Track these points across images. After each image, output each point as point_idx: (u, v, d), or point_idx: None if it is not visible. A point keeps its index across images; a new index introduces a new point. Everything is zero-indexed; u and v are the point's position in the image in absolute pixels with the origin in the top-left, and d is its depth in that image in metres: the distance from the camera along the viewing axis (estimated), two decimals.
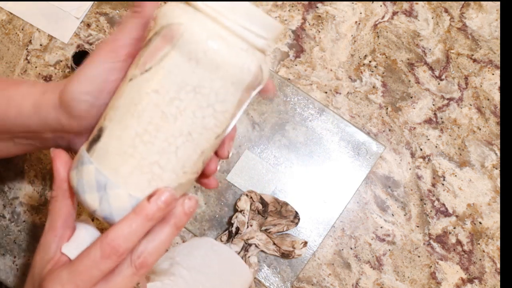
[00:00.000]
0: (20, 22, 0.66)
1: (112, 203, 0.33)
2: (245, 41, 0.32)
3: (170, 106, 0.31)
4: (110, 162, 0.33)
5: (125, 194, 0.32)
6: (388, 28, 0.65)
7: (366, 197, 0.62)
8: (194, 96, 0.31)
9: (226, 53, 0.31)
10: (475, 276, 0.60)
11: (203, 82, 0.31)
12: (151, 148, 0.32)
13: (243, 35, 0.32)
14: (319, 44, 0.65)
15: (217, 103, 0.32)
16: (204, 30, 0.31)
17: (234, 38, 0.31)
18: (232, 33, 0.31)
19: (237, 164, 0.62)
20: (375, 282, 0.60)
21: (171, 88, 0.31)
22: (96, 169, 0.33)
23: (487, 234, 0.61)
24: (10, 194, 0.64)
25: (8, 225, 0.63)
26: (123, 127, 0.32)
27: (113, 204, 0.33)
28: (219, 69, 0.31)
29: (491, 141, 0.62)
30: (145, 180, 0.32)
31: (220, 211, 0.62)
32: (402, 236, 0.61)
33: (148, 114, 0.32)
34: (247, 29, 0.32)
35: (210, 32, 0.31)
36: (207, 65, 0.31)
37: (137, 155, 0.32)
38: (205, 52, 0.30)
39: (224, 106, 0.32)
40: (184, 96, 0.31)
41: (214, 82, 0.31)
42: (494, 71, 0.64)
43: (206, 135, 0.33)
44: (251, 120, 0.63)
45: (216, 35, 0.31)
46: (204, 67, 0.31)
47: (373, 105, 0.64)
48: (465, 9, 0.65)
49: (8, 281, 0.63)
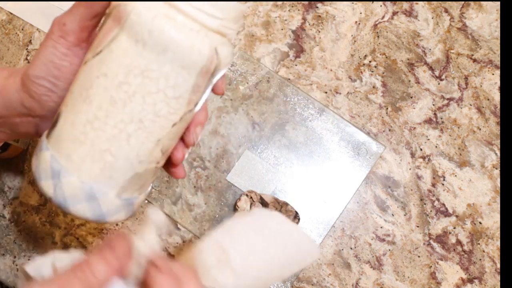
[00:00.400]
0: (20, 22, 0.66)
1: (65, 191, 0.32)
2: (196, 21, 0.30)
3: (119, 90, 0.30)
4: (64, 148, 0.32)
5: (77, 182, 0.31)
6: (388, 28, 0.65)
7: (366, 197, 0.62)
8: (143, 81, 0.30)
9: (174, 34, 0.29)
10: (475, 276, 0.60)
11: (151, 66, 0.29)
12: (102, 135, 0.31)
13: (193, 15, 0.29)
14: (319, 44, 0.65)
15: (168, 88, 0.30)
16: (151, 10, 0.29)
17: (184, 18, 0.29)
18: (181, 13, 0.29)
19: (237, 164, 0.62)
20: (375, 282, 0.60)
21: (119, 71, 0.30)
22: (51, 156, 0.32)
23: (487, 234, 0.61)
24: (10, 194, 0.64)
25: (8, 225, 0.63)
26: (75, 112, 0.31)
27: (67, 192, 0.32)
28: (167, 51, 0.29)
29: (491, 141, 0.62)
30: (98, 168, 0.31)
31: (220, 211, 0.62)
32: (402, 236, 0.61)
33: (98, 99, 0.30)
34: (198, 8, 0.29)
35: (157, 11, 0.29)
36: (153, 47, 0.29)
37: (88, 142, 0.31)
38: (151, 33, 0.28)
39: (176, 91, 0.30)
40: (132, 80, 0.30)
41: (163, 65, 0.29)
42: (494, 71, 0.64)
43: (160, 123, 0.31)
44: (251, 120, 0.63)
45: (163, 14, 0.29)
46: (151, 49, 0.29)
47: (373, 105, 0.64)
48: (465, 9, 0.65)
49: (8, 281, 0.63)
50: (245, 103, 0.64)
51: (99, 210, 0.33)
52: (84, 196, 0.32)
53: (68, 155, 0.31)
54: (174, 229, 0.62)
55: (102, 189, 0.32)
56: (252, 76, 0.64)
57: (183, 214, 0.62)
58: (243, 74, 0.64)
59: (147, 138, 0.31)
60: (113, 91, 0.30)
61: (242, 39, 0.66)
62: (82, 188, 0.31)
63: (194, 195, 0.62)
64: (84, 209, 0.32)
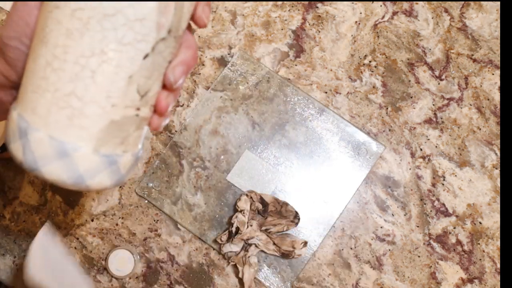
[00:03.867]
0: None
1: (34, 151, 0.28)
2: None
3: (73, 19, 0.26)
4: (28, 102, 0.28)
5: (45, 137, 0.27)
6: (388, 28, 0.65)
7: (366, 197, 0.62)
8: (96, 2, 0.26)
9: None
10: (475, 276, 0.60)
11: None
12: (63, 76, 0.27)
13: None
14: (319, 44, 0.65)
15: (127, 8, 0.26)
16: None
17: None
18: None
19: (237, 164, 0.62)
20: (375, 282, 0.60)
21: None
22: (18, 114, 0.28)
23: (487, 234, 0.61)
24: (10, 194, 0.64)
25: (8, 225, 0.63)
26: (34, 57, 0.28)
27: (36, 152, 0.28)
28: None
29: (491, 141, 0.62)
30: (65, 117, 0.27)
31: (220, 211, 0.62)
32: (402, 236, 0.61)
33: (54, 36, 0.27)
34: None
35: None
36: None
37: (51, 87, 0.27)
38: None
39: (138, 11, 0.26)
40: (84, 4, 0.26)
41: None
42: (494, 71, 0.64)
43: (127, 53, 0.27)
44: (251, 120, 0.63)
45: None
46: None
47: (373, 105, 0.64)
48: (465, 9, 0.65)
49: (8, 281, 0.63)
50: (245, 103, 0.64)
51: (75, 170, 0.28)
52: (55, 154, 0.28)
53: (33, 109, 0.28)
54: (174, 229, 0.62)
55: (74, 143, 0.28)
56: (252, 76, 0.64)
57: (183, 214, 0.62)
58: (243, 74, 0.64)
59: (115, 74, 0.27)
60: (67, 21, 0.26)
61: (242, 39, 0.66)
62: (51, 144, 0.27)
63: (194, 195, 0.62)
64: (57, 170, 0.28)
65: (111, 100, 0.28)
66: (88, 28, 0.26)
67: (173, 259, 0.62)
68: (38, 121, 0.27)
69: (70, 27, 0.26)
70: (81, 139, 0.28)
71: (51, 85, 0.27)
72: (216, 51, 0.66)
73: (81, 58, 0.27)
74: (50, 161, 0.28)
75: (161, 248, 0.62)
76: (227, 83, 0.64)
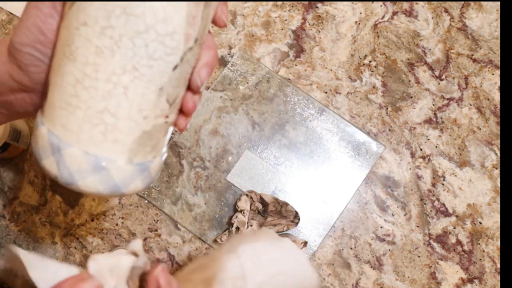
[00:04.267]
0: None
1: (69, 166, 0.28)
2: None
3: (103, 38, 0.26)
4: (58, 118, 0.28)
5: (80, 152, 0.28)
6: (388, 28, 0.65)
7: (366, 197, 0.62)
8: (127, 20, 0.26)
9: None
10: (475, 276, 0.60)
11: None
12: (95, 94, 0.27)
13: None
14: (319, 44, 0.65)
15: (157, 23, 0.26)
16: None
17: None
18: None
19: (237, 164, 0.62)
20: (375, 282, 0.60)
21: (98, 15, 0.26)
22: (48, 130, 0.29)
23: (487, 234, 0.61)
24: (10, 194, 0.64)
25: (8, 225, 0.63)
26: (62, 74, 0.28)
27: (71, 167, 0.28)
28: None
29: (491, 141, 0.62)
30: (99, 133, 0.28)
31: (220, 211, 0.62)
32: (402, 236, 0.61)
33: (83, 53, 0.27)
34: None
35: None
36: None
37: (82, 105, 0.27)
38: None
39: (168, 26, 0.26)
40: (115, 22, 0.26)
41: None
42: (494, 71, 0.64)
43: (158, 67, 0.27)
44: (251, 120, 0.63)
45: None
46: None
47: (373, 105, 0.64)
48: (465, 9, 0.65)
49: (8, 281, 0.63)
50: (245, 103, 0.64)
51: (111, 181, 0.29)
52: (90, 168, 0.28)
53: (64, 125, 0.28)
54: (174, 229, 0.62)
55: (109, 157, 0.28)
56: (252, 76, 0.64)
57: (183, 214, 0.62)
58: (243, 74, 0.64)
59: (147, 88, 0.28)
60: (96, 39, 0.26)
61: (242, 39, 0.66)
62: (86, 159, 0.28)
63: (194, 195, 0.62)
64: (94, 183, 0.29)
65: (143, 113, 0.28)
66: (119, 46, 0.26)
67: (173, 259, 0.62)
68: (71, 137, 0.28)
69: (100, 45, 0.26)
70: (115, 152, 0.29)
71: (83, 102, 0.27)
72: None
73: (113, 76, 0.27)
74: (87, 175, 0.28)
75: (161, 248, 0.62)
76: (227, 83, 0.64)
